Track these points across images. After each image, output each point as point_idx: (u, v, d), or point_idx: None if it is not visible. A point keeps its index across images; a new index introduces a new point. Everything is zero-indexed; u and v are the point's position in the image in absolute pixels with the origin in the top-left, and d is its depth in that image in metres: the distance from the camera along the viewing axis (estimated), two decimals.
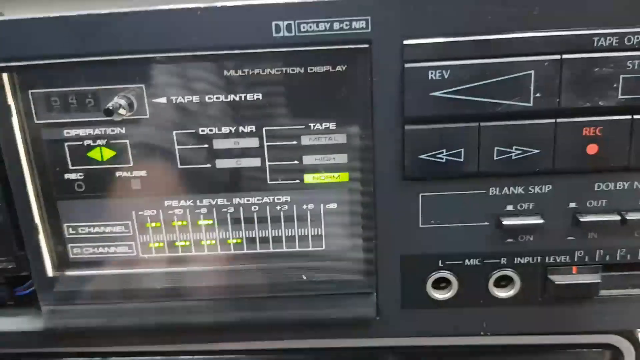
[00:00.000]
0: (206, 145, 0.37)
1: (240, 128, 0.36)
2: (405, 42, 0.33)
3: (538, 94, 0.34)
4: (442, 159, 0.35)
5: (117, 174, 0.37)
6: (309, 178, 0.38)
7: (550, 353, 0.44)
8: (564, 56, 0.33)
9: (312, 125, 0.36)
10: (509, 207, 0.37)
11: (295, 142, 0.37)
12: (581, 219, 0.36)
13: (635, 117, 0.34)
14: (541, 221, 0.36)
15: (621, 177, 0.36)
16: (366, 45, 0.34)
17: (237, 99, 0.36)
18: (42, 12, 0.34)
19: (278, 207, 0.38)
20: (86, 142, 0.37)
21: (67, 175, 0.37)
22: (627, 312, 0.39)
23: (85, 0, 0.37)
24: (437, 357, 0.45)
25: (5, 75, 0.35)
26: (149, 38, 0.34)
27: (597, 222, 0.36)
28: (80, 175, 0.37)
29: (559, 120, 0.34)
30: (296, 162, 0.37)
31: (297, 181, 0.38)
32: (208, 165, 0.37)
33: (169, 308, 0.39)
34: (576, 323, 0.40)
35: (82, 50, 0.34)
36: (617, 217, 0.36)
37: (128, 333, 0.40)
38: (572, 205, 0.37)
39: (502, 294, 0.39)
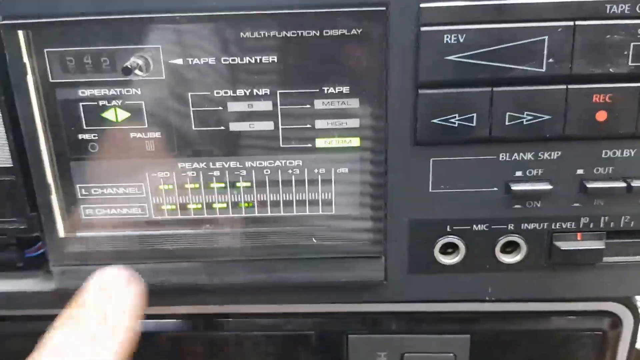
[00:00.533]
0: (220, 108, 0.37)
1: (255, 91, 0.37)
2: (422, 5, 0.34)
3: (551, 60, 0.34)
4: (455, 123, 0.36)
5: (132, 135, 0.37)
6: (320, 142, 0.38)
7: (550, 320, 0.45)
8: (577, 22, 0.34)
9: (325, 89, 0.37)
10: (518, 173, 0.37)
11: (308, 106, 0.37)
12: (588, 186, 0.37)
13: None
14: (549, 187, 0.37)
15: (628, 145, 0.37)
16: (382, 8, 0.34)
17: (252, 61, 0.36)
18: None
19: (290, 171, 0.39)
20: (101, 103, 0.37)
21: (81, 136, 0.38)
22: (628, 279, 0.40)
23: None
24: (439, 323, 0.46)
25: (20, 33, 0.35)
26: None
27: (603, 189, 0.37)
28: (94, 136, 0.38)
29: (570, 86, 0.35)
30: (309, 126, 0.38)
31: (309, 145, 0.38)
32: (222, 127, 0.37)
33: (181, 269, 0.40)
34: (579, 289, 0.41)
35: (99, 8, 0.34)
36: (623, 184, 0.37)
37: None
38: (580, 172, 0.37)
39: (508, 259, 0.40)
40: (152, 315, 0.45)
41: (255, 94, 0.37)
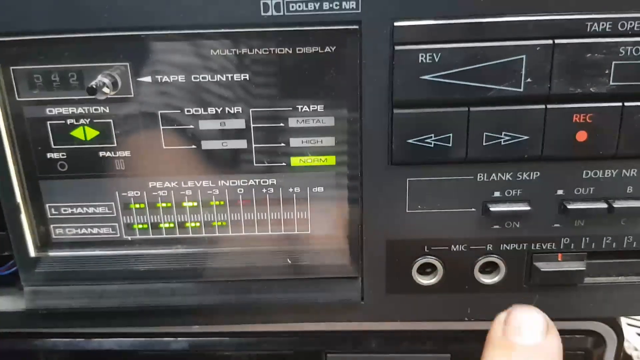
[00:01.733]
0: (192, 126, 0.36)
1: (227, 109, 0.36)
2: (396, 23, 0.33)
3: (529, 79, 0.33)
4: (431, 143, 0.35)
5: (101, 153, 0.37)
6: (295, 161, 0.37)
7: None
8: (557, 41, 0.33)
9: (299, 107, 0.36)
10: (497, 194, 0.37)
11: (282, 124, 0.36)
12: (568, 207, 0.36)
13: (626, 104, 0.34)
14: (528, 208, 0.36)
15: (609, 165, 0.36)
16: (356, 27, 0.33)
17: (223, 79, 0.35)
18: None
19: (264, 190, 0.38)
20: (69, 121, 0.36)
21: (49, 155, 0.37)
22: (611, 300, 0.40)
23: None
24: (419, 342, 0.45)
25: None
26: (134, 15, 0.33)
27: (584, 210, 0.36)
28: (63, 155, 0.37)
29: (549, 106, 0.34)
30: (283, 144, 0.37)
31: (284, 164, 0.37)
32: (193, 146, 0.37)
33: (152, 290, 0.39)
34: (560, 310, 0.40)
35: (65, 26, 0.33)
36: (604, 205, 0.36)
37: (111, 314, 0.40)
38: (560, 192, 0.37)
39: (487, 280, 0.39)
40: (126, 334, 0.44)
41: (227, 112, 0.36)
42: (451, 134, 0.35)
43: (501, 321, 0.34)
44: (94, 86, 0.33)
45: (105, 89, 0.34)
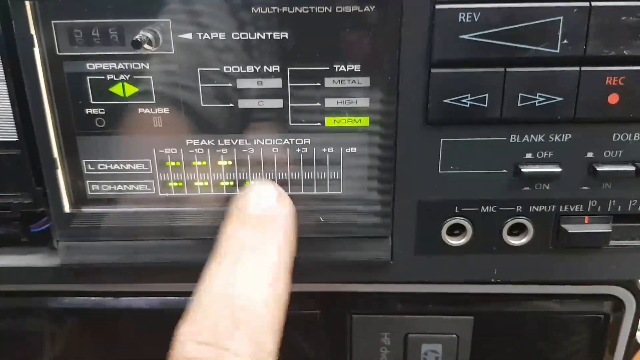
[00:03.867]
0: (230, 85, 0.37)
1: (265, 67, 0.36)
2: None
3: (565, 41, 0.34)
4: (466, 103, 0.35)
5: (139, 110, 0.37)
6: (330, 121, 0.38)
7: (552, 302, 0.46)
8: (593, 3, 0.33)
9: (336, 67, 0.36)
10: (528, 155, 0.37)
11: (318, 84, 0.37)
12: (597, 169, 0.37)
13: None
14: (559, 169, 0.37)
15: (638, 129, 0.37)
16: None
17: (263, 37, 0.36)
18: None
19: (298, 150, 0.39)
20: (109, 77, 0.36)
21: (88, 110, 0.37)
22: (633, 263, 0.41)
23: None
24: (443, 304, 0.46)
25: (28, 4, 0.34)
26: None
27: (612, 172, 0.37)
28: (101, 111, 0.37)
29: (583, 68, 0.35)
30: (318, 104, 0.37)
31: (319, 124, 0.38)
32: (231, 104, 0.37)
33: (187, 246, 0.40)
34: (584, 272, 0.41)
35: None
36: (632, 168, 0.37)
37: (143, 270, 0.41)
38: (589, 154, 0.37)
39: (514, 241, 0.40)
40: (158, 293, 0.45)
41: (265, 70, 0.36)
42: (487, 94, 0.35)
43: (238, 199, 0.36)
44: (139, 39, 0.33)
45: (147, 45, 0.34)
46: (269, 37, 0.36)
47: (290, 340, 0.45)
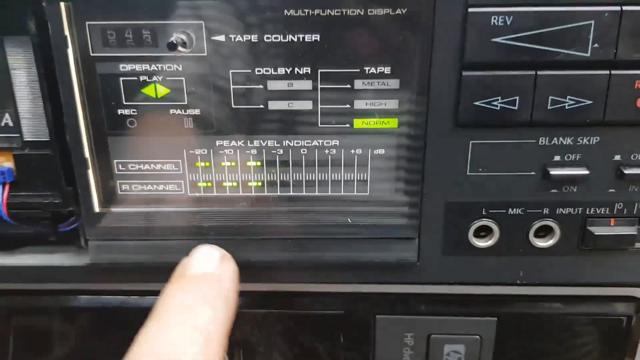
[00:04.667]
0: (261, 86, 0.37)
1: (295, 69, 0.37)
2: None
3: (596, 45, 0.34)
4: (497, 106, 0.36)
5: (171, 111, 0.37)
6: (358, 123, 0.38)
7: (575, 304, 0.46)
8: (624, 8, 0.34)
9: (366, 69, 0.37)
10: (557, 158, 0.37)
11: (348, 86, 0.37)
12: (625, 172, 0.37)
13: None
14: (586, 172, 0.37)
15: None
16: None
17: (294, 39, 0.36)
18: None
19: (326, 151, 0.39)
20: (141, 78, 0.37)
21: (119, 111, 0.37)
22: None
23: None
24: (466, 305, 0.46)
25: (62, 5, 0.35)
26: None
27: (639, 175, 0.37)
28: (133, 112, 0.37)
29: (613, 72, 0.35)
30: (347, 106, 0.38)
31: (347, 125, 0.38)
32: (261, 106, 0.37)
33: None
34: (609, 274, 0.41)
35: None
36: None
37: (171, 270, 0.41)
38: (617, 157, 0.38)
39: (541, 243, 0.40)
40: None
41: (296, 72, 0.37)
42: (517, 97, 0.35)
43: (182, 262, 0.36)
44: (174, 41, 0.33)
45: (181, 47, 0.35)
46: (301, 39, 0.36)
47: (314, 340, 0.46)
